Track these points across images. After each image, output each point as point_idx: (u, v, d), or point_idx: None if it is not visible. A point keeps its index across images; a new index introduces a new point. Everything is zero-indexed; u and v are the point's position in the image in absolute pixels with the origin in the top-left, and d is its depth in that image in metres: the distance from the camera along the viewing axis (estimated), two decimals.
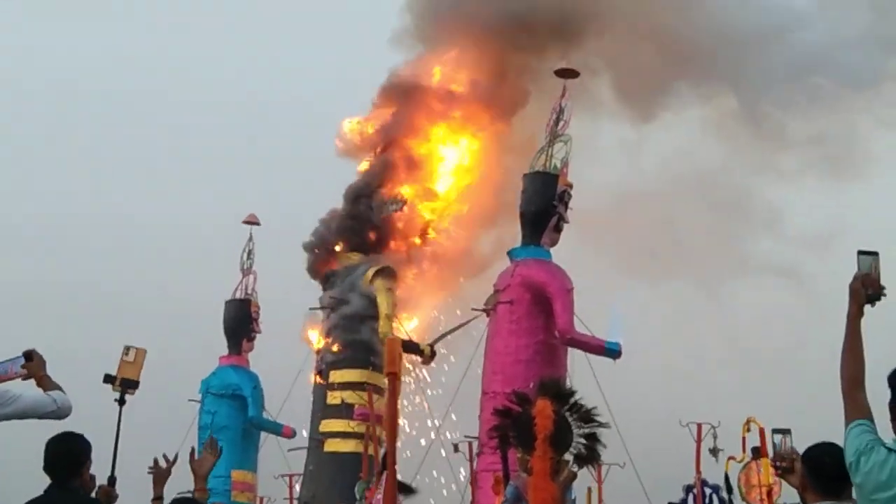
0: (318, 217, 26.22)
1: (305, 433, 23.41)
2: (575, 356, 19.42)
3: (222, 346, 23.20)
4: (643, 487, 18.04)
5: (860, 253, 3.98)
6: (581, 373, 19.45)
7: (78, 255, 41.49)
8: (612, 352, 18.72)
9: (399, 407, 11.55)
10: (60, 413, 5.79)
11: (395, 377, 10.67)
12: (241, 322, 22.96)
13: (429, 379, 22.97)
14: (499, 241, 22.20)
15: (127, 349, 6.54)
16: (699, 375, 31.66)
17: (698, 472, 16.39)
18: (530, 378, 15.31)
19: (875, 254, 3.98)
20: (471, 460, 16.83)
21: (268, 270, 24.44)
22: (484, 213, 23.83)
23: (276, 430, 22.31)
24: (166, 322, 37.55)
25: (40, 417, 5.78)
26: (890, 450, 3.74)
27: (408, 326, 23.28)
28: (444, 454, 19.01)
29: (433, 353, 21.48)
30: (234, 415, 22.02)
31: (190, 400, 22.38)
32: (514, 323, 18.92)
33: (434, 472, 20.60)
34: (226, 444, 21.53)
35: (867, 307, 3.91)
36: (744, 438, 13.57)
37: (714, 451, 16.02)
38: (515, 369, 18.09)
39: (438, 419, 19.97)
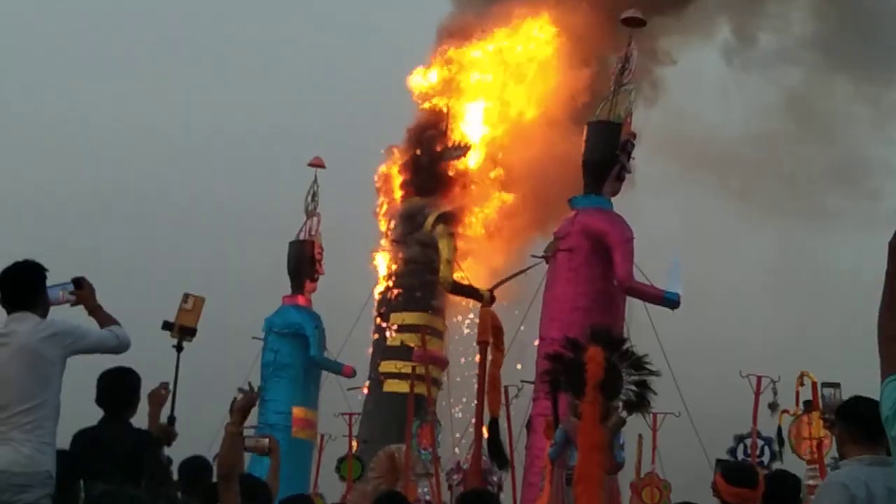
0: (381, 154, 26.50)
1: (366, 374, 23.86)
2: (634, 305, 19.53)
3: (286, 286, 23.59)
4: (698, 436, 18.13)
5: None
6: (639, 321, 19.59)
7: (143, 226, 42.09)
8: (671, 301, 18.74)
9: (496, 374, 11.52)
10: (121, 348, 5.92)
11: (486, 345, 10.88)
12: (304, 263, 23.24)
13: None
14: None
15: (186, 297, 6.62)
16: (775, 326, 31.26)
17: (755, 423, 16.44)
18: (587, 326, 15.43)
19: None
20: (507, 405, 17.09)
21: (332, 210, 24.67)
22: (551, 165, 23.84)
23: (337, 369, 22.64)
24: (231, 260, 38.25)
25: (103, 352, 5.91)
26: None
27: (468, 272, 23.46)
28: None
29: (492, 299, 21.66)
30: (296, 353, 22.38)
31: (253, 338, 22.81)
32: (572, 271, 18.99)
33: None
34: (288, 381, 22.06)
35: None
36: (797, 392, 13.64)
37: (773, 406, 16.05)
38: (573, 317, 18.17)
39: None
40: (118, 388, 5.90)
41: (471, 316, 22.87)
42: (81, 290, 6.00)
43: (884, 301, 3.95)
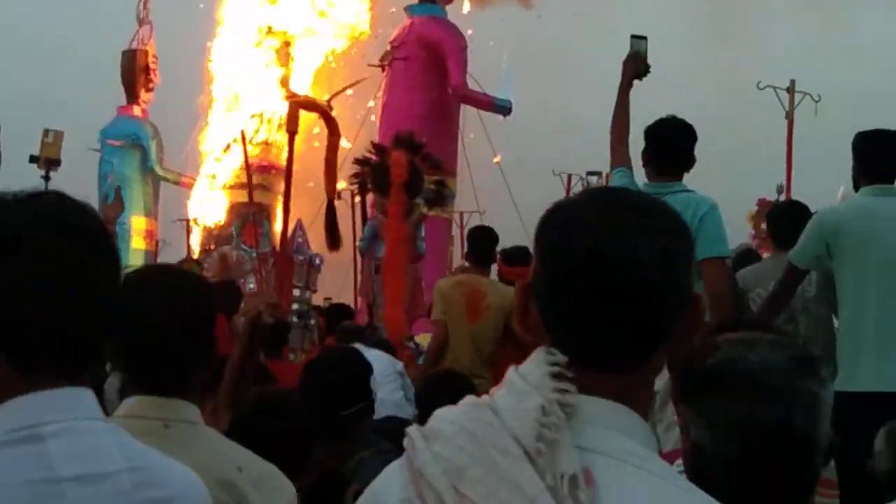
0: None
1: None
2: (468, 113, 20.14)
3: (122, 97, 23.16)
4: (524, 229, 19.05)
5: (633, 37, 4.64)
6: (476, 128, 20.24)
7: None
8: (503, 108, 19.40)
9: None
10: None
11: (293, 135, 11.28)
12: (137, 73, 22.73)
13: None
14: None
15: (46, 132, 6.87)
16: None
17: None
18: (423, 133, 15.89)
19: (644, 38, 4.64)
20: (353, 208, 17.71)
21: (164, 19, 24.04)
22: None
23: (176, 179, 22.64)
24: (66, 72, 37.02)
25: None
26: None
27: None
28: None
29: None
30: (134, 164, 22.24)
31: (89, 149, 22.45)
32: (408, 80, 19.37)
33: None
34: (126, 192, 22.02)
35: (636, 81, 4.62)
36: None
37: None
38: (409, 124, 18.57)
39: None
40: None
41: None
42: None
43: (616, 110, 4.65)
